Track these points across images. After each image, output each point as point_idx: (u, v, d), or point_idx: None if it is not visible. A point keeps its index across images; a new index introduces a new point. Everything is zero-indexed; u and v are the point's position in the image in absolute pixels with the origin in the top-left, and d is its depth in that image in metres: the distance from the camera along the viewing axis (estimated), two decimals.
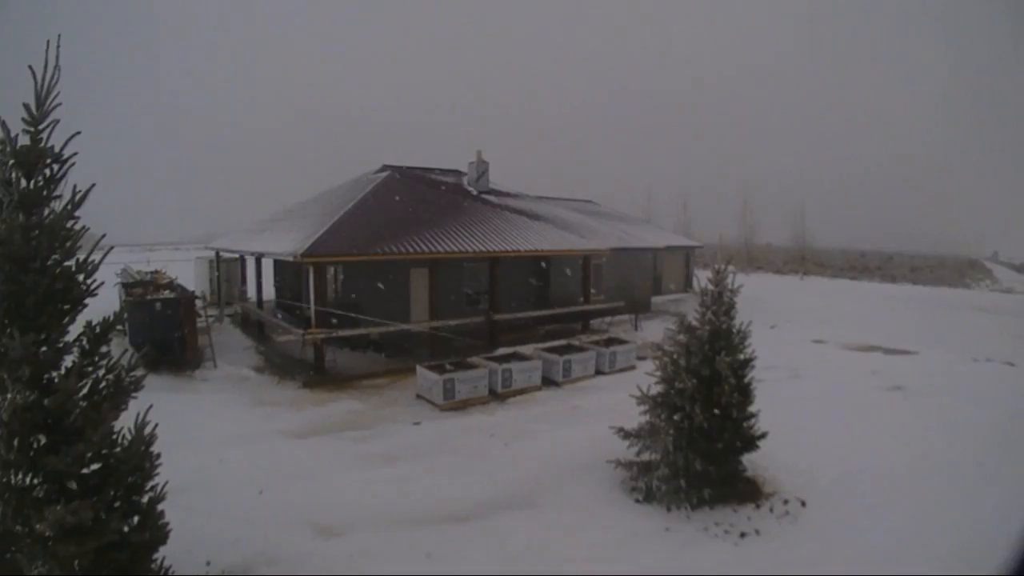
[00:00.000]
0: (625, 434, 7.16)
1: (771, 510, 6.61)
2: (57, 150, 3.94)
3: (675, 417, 6.82)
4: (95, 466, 4.00)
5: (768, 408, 7.23)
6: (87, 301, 4.10)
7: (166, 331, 12.17)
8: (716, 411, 6.67)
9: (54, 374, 3.92)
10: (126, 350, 5.26)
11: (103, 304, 4.76)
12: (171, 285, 14.70)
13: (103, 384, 4.12)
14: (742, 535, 6.11)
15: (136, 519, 4.12)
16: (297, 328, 13.05)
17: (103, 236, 4.26)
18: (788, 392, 10.87)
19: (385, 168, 18.32)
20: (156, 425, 4.32)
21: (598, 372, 12.82)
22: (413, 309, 14.99)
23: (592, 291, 18.11)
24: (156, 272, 17.19)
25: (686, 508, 6.55)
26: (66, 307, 3.98)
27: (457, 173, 20.07)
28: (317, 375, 12.01)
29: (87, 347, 4.10)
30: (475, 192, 18.84)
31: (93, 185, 4.04)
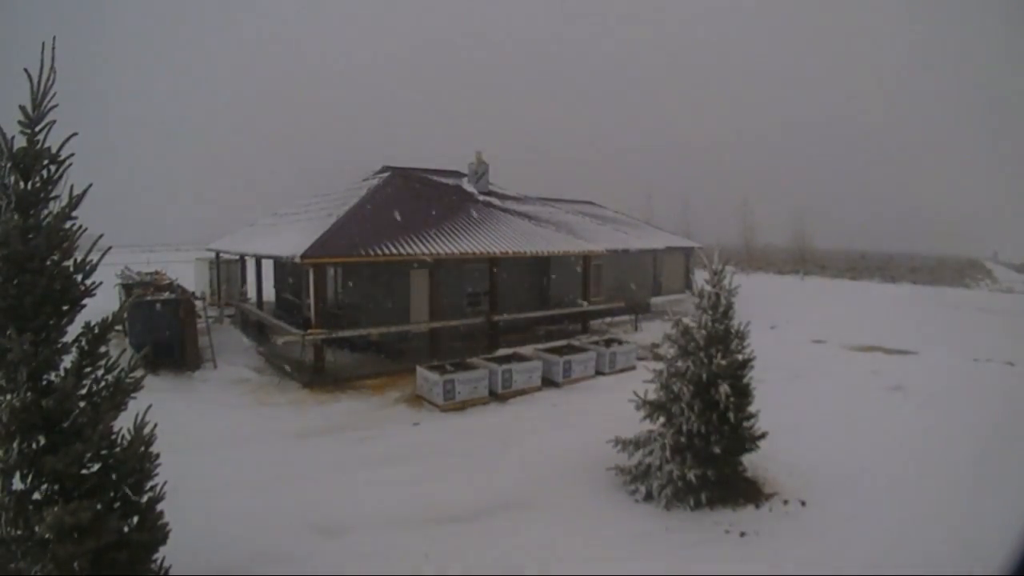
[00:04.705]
0: (623, 445, 7.16)
1: (771, 510, 6.60)
2: (54, 151, 3.94)
3: (673, 421, 6.82)
4: (94, 466, 3.99)
5: (768, 408, 7.23)
6: (86, 302, 4.10)
7: (166, 332, 12.17)
8: (714, 414, 6.67)
9: (53, 375, 3.92)
10: (124, 350, 5.26)
11: (105, 305, 4.76)
12: (171, 286, 14.69)
13: (102, 384, 4.12)
14: (742, 535, 6.10)
15: (136, 519, 4.13)
16: (297, 329, 13.05)
17: (100, 236, 4.25)
18: (788, 392, 10.86)
19: (385, 169, 18.32)
20: (155, 425, 4.33)
21: (598, 372, 12.81)
22: (413, 310, 14.98)
23: (592, 292, 18.09)
24: (156, 273, 17.17)
25: (686, 508, 6.56)
26: (64, 307, 3.97)
27: (457, 174, 20.06)
28: (317, 376, 12.00)
29: (86, 348, 4.10)
30: (475, 193, 18.83)
31: (90, 186, 4.03)
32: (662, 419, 6.96)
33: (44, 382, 3.88)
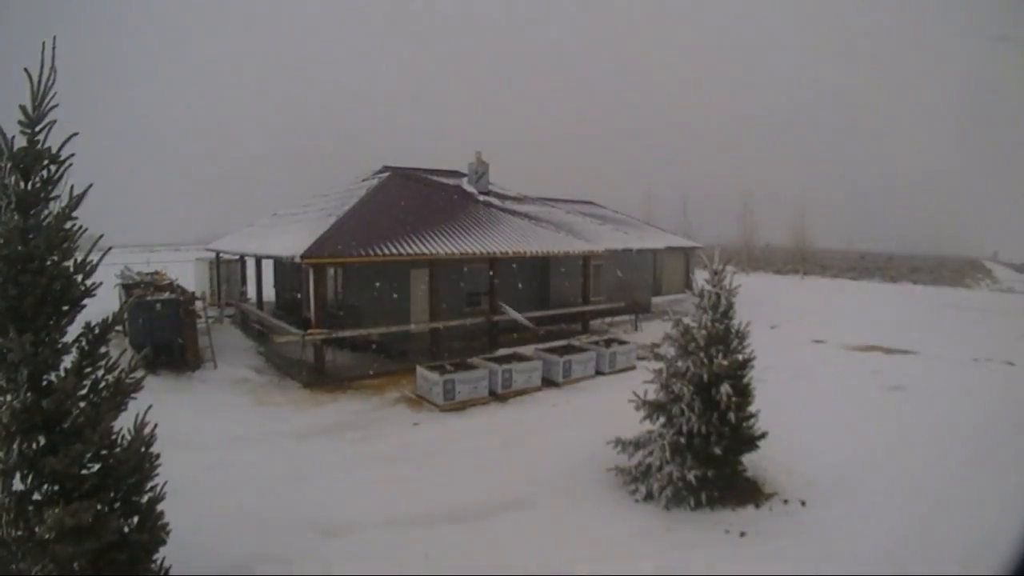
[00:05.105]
0: (623, 445, 7.16)
1: (771, 510, 6.61)
2: (54, 151, 3.94)
3: (673, 422, 6.82)
4: (95, 467, 3.99)
5: (768, 408, 7.23)
6: (86, 302, 4.10)
7: (166, 332, 12.15)
8: (714, 414, 6.66)
9: (52, 375, 3.92)
10: (124, 350, 5.26)
11: (105, 305, 4.76)
12: (171, 286, 14.69)
13: (102, 385, 4.12)
14: (742, 535, 6.11)
15: (136, 519, 4.12)
16: (297, 329, 13.05)
17: (100, 236, 4.25)
18: (788, 392, 10.85)
19: (385, 169, 18.32)
20: (156, 425, 4.32)
21: (598, 372, 12.81)
22: (413, 310, 14.98)
23: (592, 292, 18.08)
24: (156, 273, 17.16)
25: (686, 508, 6.56)
26: (64, 308, 3.97)
27: (457, 174, 20.07)
28: (317, 376, 12.00)
29: (86, 348, 4.10)
30: (475, 193, 18.84)
31: (90, 186, 4.03)
32: (662, 419, 6.96)
33: (44, 382, 3.88)
